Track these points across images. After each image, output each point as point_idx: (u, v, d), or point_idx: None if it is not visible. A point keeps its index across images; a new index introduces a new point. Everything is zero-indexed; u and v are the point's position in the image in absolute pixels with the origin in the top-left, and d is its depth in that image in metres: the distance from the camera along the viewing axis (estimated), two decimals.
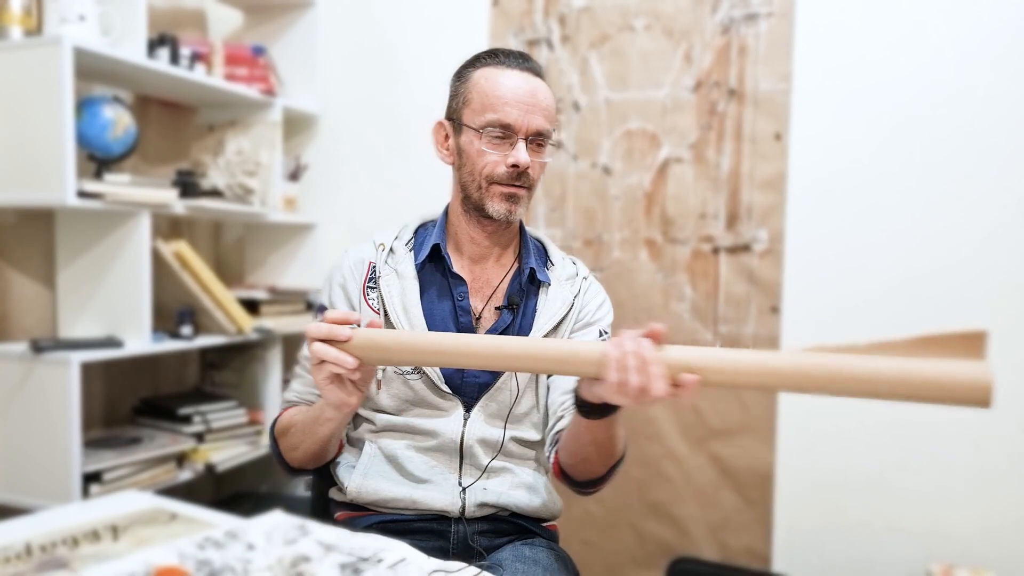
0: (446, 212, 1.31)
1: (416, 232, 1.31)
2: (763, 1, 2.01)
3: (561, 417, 1.22)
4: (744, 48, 2.03)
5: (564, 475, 1.22)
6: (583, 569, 1.35)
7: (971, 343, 0.96)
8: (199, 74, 2.04)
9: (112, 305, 1.89)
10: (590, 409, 1.05)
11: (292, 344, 2.36)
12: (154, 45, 1.95)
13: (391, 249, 1.27)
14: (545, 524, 1.30)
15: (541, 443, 1.29)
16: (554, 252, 1.34)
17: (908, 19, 1.90)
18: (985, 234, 1.86)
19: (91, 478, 1.75)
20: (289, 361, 2.35)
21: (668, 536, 2.13)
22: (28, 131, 1.72)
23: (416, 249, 1.27)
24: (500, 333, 1.24)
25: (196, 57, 2.05)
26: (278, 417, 1.27)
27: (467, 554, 1.18)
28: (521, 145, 1.19)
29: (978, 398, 0.91)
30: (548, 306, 1.25)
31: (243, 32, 2.43)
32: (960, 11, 1.86)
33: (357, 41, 2.39)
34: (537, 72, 1.23)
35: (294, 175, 2.36)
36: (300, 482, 2.42)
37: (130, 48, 1.85)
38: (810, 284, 2.00)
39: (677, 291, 2.11)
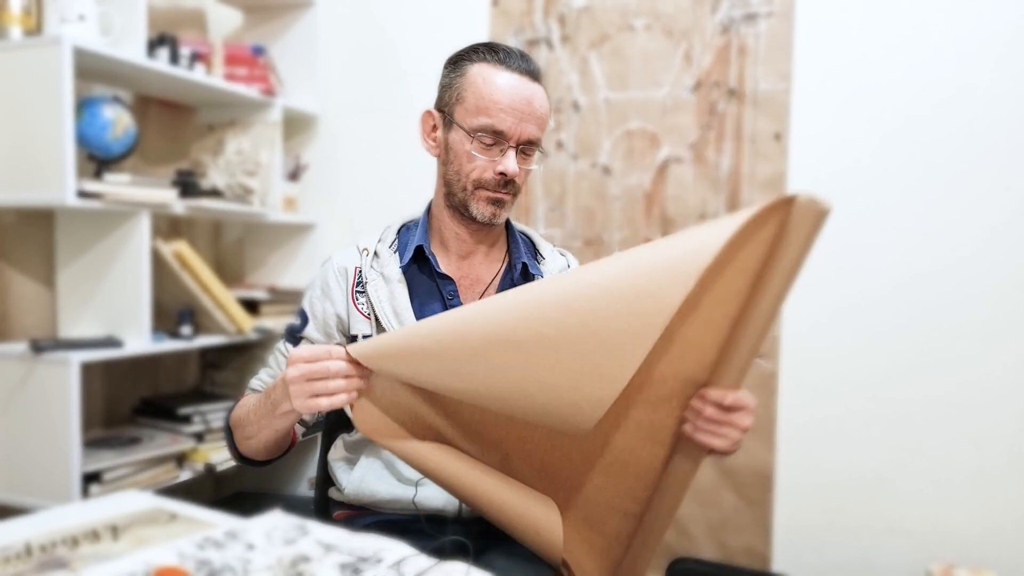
0: (428, 209, 1.30)
1: (399, 233, 1.29)
2: (763, 1, 2.01)
3: None
4: (744, 48, 2.03)
5: None
6: None
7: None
8: (199, 74, 2.04)
9: (112, 305, 1.89)
10: None
11: None
12: (154, 45, 1.95)
13: (375, 253, 1.25)
14: None
15: None
16: (543, 245, 1.33)
17: (908, 19, 1.90)
18: (985, 234, 1.86)
19: (91, 478, 1.75)
20: None
21: (668, 536, 2.12)
22: (28, 131, 1.72)
23: (400, 251, 1.26)
24: None
25: (196, 57, 2.05)
26: (236, 404, 1.25)
27: (462, 554, 1.18)
28: (511, 154, 1.17)
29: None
30: None
31: (243, 32, 2.42)
32: (960, 11, 1.86)
33: (357, 41, 2.39)
34: (536, 76, 1.20)
35: (294, 175, 2.36)
36: (301, 482, 2.41)
37: (130, 48, 1.85)
38: (810, 284, 1.99)
39: None
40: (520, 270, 1.26)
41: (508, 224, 1.32)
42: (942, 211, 1.89)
